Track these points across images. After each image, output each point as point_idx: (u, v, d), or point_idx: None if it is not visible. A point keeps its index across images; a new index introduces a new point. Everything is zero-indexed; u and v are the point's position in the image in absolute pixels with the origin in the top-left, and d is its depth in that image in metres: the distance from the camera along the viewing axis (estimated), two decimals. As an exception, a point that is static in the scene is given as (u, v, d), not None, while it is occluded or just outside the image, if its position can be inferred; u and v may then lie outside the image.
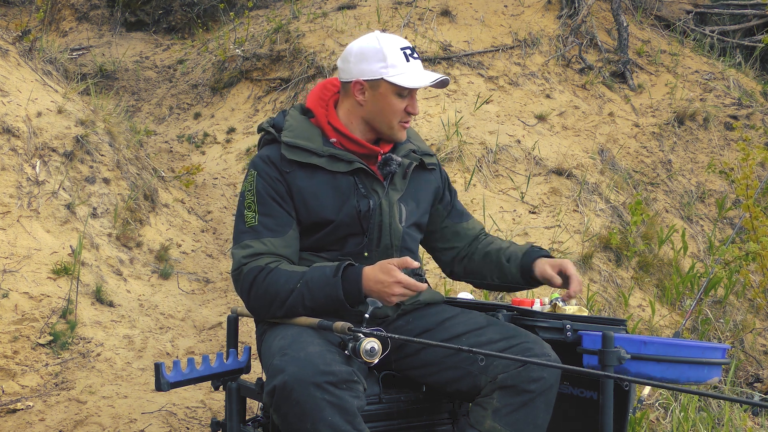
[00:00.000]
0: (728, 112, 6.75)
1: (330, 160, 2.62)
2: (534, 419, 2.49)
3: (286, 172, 2.61)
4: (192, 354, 4.07)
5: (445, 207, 2.87)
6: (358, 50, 2.66)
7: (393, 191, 2.68)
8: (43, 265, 4.13)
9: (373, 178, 2.66)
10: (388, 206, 2.65)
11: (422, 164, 2.79)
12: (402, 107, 2.64)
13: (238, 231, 2.61)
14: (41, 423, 3.50)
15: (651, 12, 7.89)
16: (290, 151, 2.62)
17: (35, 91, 4.85)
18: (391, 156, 2.68)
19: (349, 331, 2.33)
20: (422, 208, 2.78)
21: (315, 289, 2.48)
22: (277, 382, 2.29)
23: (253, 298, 2.54)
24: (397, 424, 2.63)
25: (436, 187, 2.84)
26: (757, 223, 4.82)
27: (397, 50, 2.63)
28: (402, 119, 2.66)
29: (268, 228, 2.57)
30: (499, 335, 2.57)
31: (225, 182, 5.86)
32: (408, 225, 2.71)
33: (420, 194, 2.77)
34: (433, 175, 2.84)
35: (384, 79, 2.61)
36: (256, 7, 8.02)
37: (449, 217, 2.88)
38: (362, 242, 2.63)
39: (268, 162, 2.63)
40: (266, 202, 2.59)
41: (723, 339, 4.81)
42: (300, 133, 2.65)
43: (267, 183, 2.60)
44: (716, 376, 2.69)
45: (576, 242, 5.05)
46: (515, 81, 6.51)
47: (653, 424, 3.97)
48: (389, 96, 2.63)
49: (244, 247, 2.56)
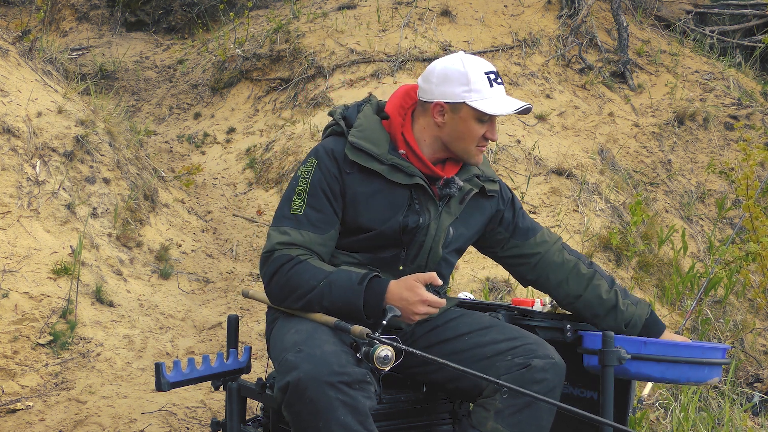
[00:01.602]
0: (728, 112, 6.75)
1: (391, 169, 2.57)
2: (537, 421, 2.49)
3: (346, 173, 2.57)
4: (192, 354, 4.07)
5: (506, 228, 2.79)
6: (442, 71, 2.59)
7: (446, 214, 2.64)
8: (43, 265, 4.13)
9: (430, 197, 2.61)
10: (435, 229, 2.62)
11: (482, 191, 2.73)
12: (481, 133, 2.59)
13: (282, 214, 2.57)
14: (41, 423, 3.50)
15: (651, 12, 7.89)
16: (353, 152, 2.57)
17: (35, 91, 4.85)
18: (454, 178, 2.63)
19: (366, 337, 2.32)
20: (470, 233, 2.73)
21: (337, 291, 2.46)
22: (291, 379, 2.29)
23: (275, 284, 2.52)
24: (397, 424, 2.63)
25: (494, 212, 2.77)
26: (757, 223, 4.82)
27: (482, 74, 2.57)
28: (479, 144, 2.60)
29: (311, 221, 2.54)
30: (502, 336, 2.57)
31: (225, 182, 5.86)
32: (449, 250, 2.68)
33: (471, 220, 2.72)
34: (491, 202, 2.76)
35: (466, 103, 2.55)
36: (256, 7, 8.02)
37: (514, 237, 2.80)
38: (398, 254, 2.61)
39: (331, 156, 2.58)
40: (317, 195, 2.56)
41: (723, 339, 4.80)
42: (368, 135, 2.59)
43: (324, 177, 2.56)
44: (716, 376, 2.69)
45: (576, 242, 5.05)
46: (515, 81, 6.51)
47: (653, 424, 3.97)
48: (469, 121, 2.57)
49: (283, 233, 2.53)
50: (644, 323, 2.76)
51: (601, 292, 2.76)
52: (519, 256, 2.80)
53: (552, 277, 2.78)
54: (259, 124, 6.46)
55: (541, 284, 2.81)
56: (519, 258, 2.80)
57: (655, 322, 2.78)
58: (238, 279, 4.81)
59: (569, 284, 2.77)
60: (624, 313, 2.75)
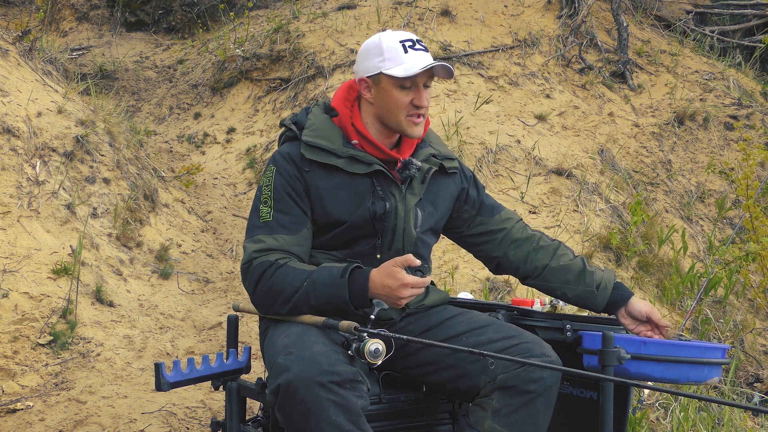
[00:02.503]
0: (728, 112, 6.75)
1: (349, 161, 2.61)
2: (534, 420, 2.49)
3: (305, 171, 2.60)
4: (192, 354, 4.07)
5: (473, 205, 2.83)
6: (362, 48, 2.67)
7: (411, 195, 2.66)
8: (43, 265, 4.13)
9: (392, 181, 2.64)
10: (404, 210, 2.64)
11: (442, 169, 2.75)
12: (407, 100, 2.60)
13: (252, 225, 2.60)
14: (41, 423, 3.50)
15: (651, 12, 7.89)
16: (310, 151, 2.61)
17: (35, 91, 4.85)
18: (411, 160, 2.66)
19: (354, 331, 2.33)
20: (440, 212, 2.75)
21: (321, 288, 2.47)
22: (282, 381, 2.29)
23: (259, 292, 2.54)
24: (397, 424, 2.63)
25: (459, 190, 2.81)
26: (757, 223, 4.82)
27: (396, 43, 2.60)
28: (409, 113, 2.61)
29: (282, 225, 2.57)
30: (498, 335, 2.57)
31: (225, 182, 5.86)
32: (423, 230, 2.69)
33: (438, 199, 2.74)
34: (454, 179, 2.80)
35: (382, 72, 2.59)
36: (256, 7, 8.02)
37: (480, 214, 2.83)
38: (374, 243, 2.62)
39: (288, 159, 2.62)
40: (283, 199, 2.59)
41: (723, 339, 4.81)
42: (321, 132, 2.64)
43: (285, 180, 2.60)
44: (716, 376, 2.69)
45: (576, 242, 5.05)
46: (515, 81, 6.51)
47: (653, 424, 3.97)
48: (391, 90, 2.60)
49: (257, 242, 2.56)
50: (614, 286, 2.76)
51: (567, 259, 2.80)
52: (485, 233, 2.82)
53: (519, 252, 2.81)
54: (259, 124, 6.46)
55: (509, 260, 2.82)
56: (485, 235, 2.83)
57: (623, 287, 2.78)
58: (238, 279, 4.81)
59: (537, 255, 2.80)
60: (594, 275, 2.77)
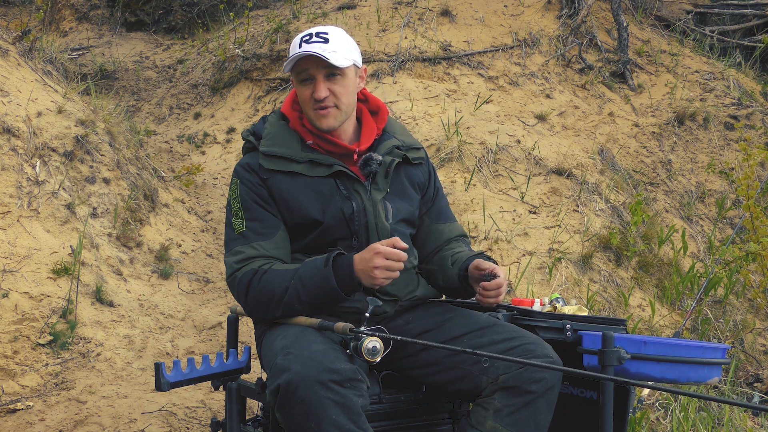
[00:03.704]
0: (728, 112, 6.75)
1: (309, 165, 2.62)
2: (535, 420, 2.49)
3: (266, 178, 2.61)
4: (192, 354, 4.07)
5: (426, 203, 2.80)
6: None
7: (375, 191, 2.65)
8: (43, 265, 4.13)
9: (354, 179, 2.63)
10: (372, 206, 2.63)
11: (407, 159, 2.74)
12: (308, 94, 2.60)
13: (228, 239, 2.62)
14: (41, 423, 3.50)
15: (651, 12, 7.88)
16: (268, 161, 2.62)
17: (35, 91, 4.85)
18: (371, 155, 2.65)
19: (350, 332, 2.33)
20: (411, 206, 2.73)
21: (308, 282, 2.48)
22: (282, 381, 2.29)
23: (251, 301, 2.55)
24: (397, 424, 2.63)
25: (425, 179, 2.80)
26: (757, 223, 4.82)
27: (297, 40, 2.61)
28: (314, 106, 2.60)
29: (256, 232, 2.58)
30: (500, 336, 2.57)
31: (225, 182, 5.86)
32: (396, 221, 2.68)
33: (407, 190, 2.73)
34: (420, 169, 2.78)
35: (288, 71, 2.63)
36: (256, 7, 8.02)
37: (427, 215, 2.81)
38: (352, 245, 2.62)
39: (248, 169, 2.64)
40: (251, 208, 2.60)
41: (723, 339, 4.81)
42: (278, 140, 2.65)
43: (249, 189, 2.61)
44: (716, 376, 2.70)
45: (576, 242, 5.05)
46: (515, 81, 6.51)
47: (653, 424, 3.97)
48: (296, 86, 2.64)
49: (236, 254, 2.58)
50: (471, 255, 2.70)
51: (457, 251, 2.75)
52: (426, 234, 2.78)
53: (437, 257, 2.77)
54: (259, 124, 6.46)
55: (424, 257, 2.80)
56: (424, 233, 2.79)
57: (487, 256, 2.73)
58: (238, 279, 4.81)
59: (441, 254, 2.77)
60: (461, 254, 2.71)
